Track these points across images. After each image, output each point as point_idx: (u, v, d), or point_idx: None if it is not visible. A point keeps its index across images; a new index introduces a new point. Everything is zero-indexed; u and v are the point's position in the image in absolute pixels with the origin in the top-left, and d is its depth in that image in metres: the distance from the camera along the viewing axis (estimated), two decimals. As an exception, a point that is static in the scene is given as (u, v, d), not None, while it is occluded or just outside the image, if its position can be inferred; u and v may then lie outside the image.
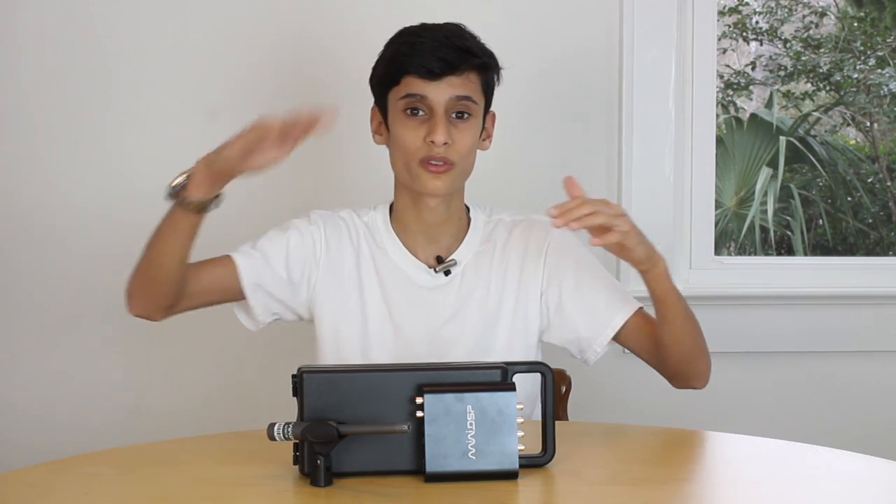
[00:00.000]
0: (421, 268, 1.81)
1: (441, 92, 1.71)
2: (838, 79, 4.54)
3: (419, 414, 1.31)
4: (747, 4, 4.80)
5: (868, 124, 4.63)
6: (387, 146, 1.80)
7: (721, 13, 4.42)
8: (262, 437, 1.32)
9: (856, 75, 4.48)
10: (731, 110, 4.80)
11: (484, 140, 1.81)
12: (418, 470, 1.32)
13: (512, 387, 1.33)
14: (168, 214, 1.63)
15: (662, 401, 1.97)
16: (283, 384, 1.38)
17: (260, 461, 1.40)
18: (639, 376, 1.90)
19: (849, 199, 4.60)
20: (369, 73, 1.80)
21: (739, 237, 4.43)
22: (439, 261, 1.81)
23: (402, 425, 1.30)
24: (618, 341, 1.80)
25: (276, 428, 1.30)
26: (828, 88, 4.68)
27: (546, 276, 1.81)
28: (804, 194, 4.61)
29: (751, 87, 4.92)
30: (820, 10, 4.75)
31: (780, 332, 2.48)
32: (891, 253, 4.77)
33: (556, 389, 1.78)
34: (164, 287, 1.68)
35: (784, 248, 4.64)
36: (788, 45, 4.75)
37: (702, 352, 1.76)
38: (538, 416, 1.41)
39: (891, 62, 4.39)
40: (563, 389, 1.92)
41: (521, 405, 1.34)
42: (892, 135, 4.69)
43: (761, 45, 4.86)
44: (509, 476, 1.32)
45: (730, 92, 4.78)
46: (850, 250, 4.65)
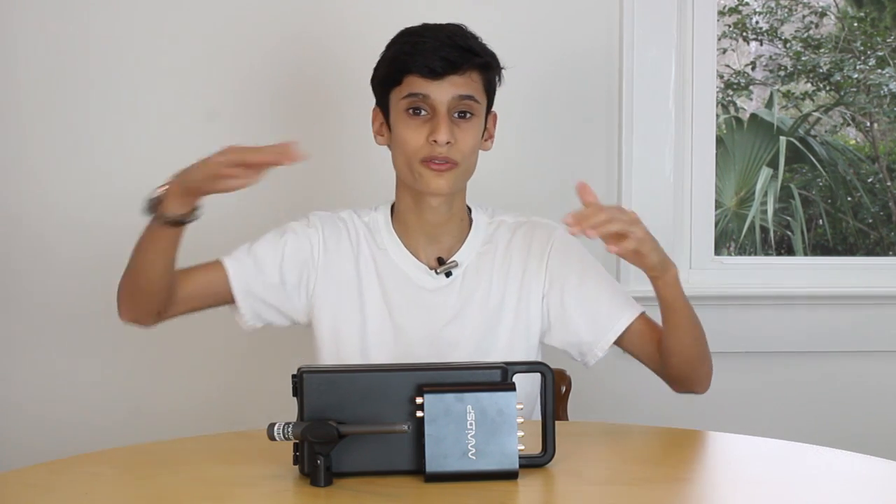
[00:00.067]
0: (422, 269, 1.81)
1: (443, 91, 1.71)
2: (838, 79, 4.54)
3: (419, 414, 1.31)
4: (747, 4, 4.80)
5: (868, 124, 4.63)
6: (388, 147, 1.80)
7: (721, 13, 4.43)
8: (262, 437, 1.32)
9: (856, 75, 4.48)
10: (731, 110, 4.80)
11: (486, 140, 1.81)
12: (418, 470, 1.32)
13: (512, 387, 1.33)
14: (147, 227, 1.63)
15: (662, 401, 1.96)
16: (283, 384, 1.38)
17: (260, 461, 1.40)
18: (639, 376, 1.89)
19: (849, 199, 4.59)
20: (370, 74, 1.80)
21: (739, 237, 4.43)
22: (440, 262, 1.81)
23: (402, 425, 1.30)
24: (619, 345, 1.80)
25: (276, 428, 1.30)
26: (828, 88, 4.67)
27: (548, 278, 1.81)
28: (804, 194, 4.61)
29: (751, 87, 4.92)
30: (820, 10, 4.74)
31: (780, 332, 2.48)
32: (891, 253, 4.76)
33: (556, 389, 1.78)
34: (151, 295, 1.69)
35: (784, 248, 4.64)
36: (788, 45, 4.74)
37: (705, 358, 1.75)
38: (538, 416, 1.42)
39: (891, 62, 4.39)
40: (563, 389, 1.92)
41: (521, 405, 1.34)
42: (892, 135, 4.68)
43: (761, 45, 4.86)
44: (509, 476, 1.32)
45: (730, 92, 4.78)
46: (850, 250, 4.64)
